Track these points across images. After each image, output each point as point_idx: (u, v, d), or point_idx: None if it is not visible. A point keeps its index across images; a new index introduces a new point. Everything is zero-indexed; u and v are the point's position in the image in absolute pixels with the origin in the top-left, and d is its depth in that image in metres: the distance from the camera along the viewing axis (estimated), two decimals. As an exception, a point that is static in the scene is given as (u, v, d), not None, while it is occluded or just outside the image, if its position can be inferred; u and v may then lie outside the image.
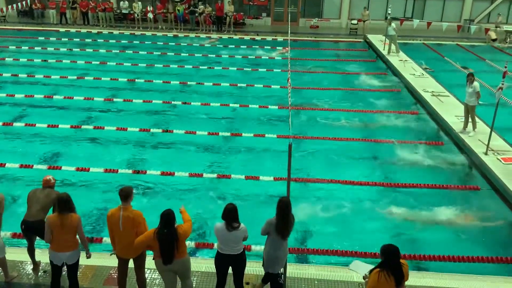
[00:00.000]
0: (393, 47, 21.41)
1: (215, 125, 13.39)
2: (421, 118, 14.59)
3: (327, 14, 29.62)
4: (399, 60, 20.24)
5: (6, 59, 20.23)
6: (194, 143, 12.30)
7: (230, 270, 6.29)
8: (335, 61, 21.32)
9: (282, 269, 6.43)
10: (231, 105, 15.06)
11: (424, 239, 8.56)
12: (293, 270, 7.19)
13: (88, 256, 6.44)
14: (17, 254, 7.38)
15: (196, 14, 26.95)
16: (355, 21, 27.58)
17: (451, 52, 23.26)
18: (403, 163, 11.56)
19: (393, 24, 20.96)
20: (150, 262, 6.32)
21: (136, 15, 27.04)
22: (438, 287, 6.97)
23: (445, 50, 23.58)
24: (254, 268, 7.10)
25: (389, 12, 22.29)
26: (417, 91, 16.16)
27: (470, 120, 12.32)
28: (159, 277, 6.34)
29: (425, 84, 16.83)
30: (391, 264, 5.07)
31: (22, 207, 6.87)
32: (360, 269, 5.85)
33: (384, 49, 21.90)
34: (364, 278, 5.55)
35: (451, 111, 13.99)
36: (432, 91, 15.91)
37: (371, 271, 5.24)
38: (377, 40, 24.33)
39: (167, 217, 5.73)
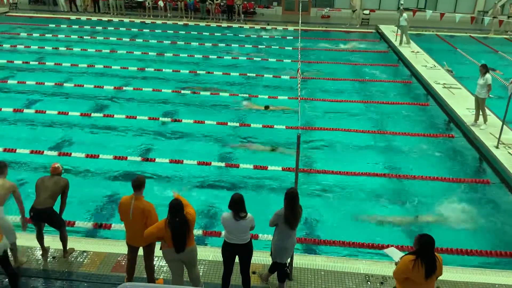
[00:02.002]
0: (404, 38, 21.17)
1: (224, 115, 13.37)
2: (432, 110, 14.46)
3: (339, 4, 29.33)
4: (411, 52, 20.02)
5: (18, 46, 20.32)
6: (203, 132, 12.30)
7: (237, 259, 6.31)
8: (345, 51, 21.13)
9: (289, 259, 6.44)
10: (240, 95, 15.02)
11: (432, 232, 8.47)
12: (300, 260, 7.20)
13: None
14: (26, 240, 7.45)
15: (207, 3, 26.83)
16: (367, 11, 27.28)
17: (464, 43, 22.95)
18: (413, 155, 11.48)
19: (404, 15, 20.70)
20: (158, 250, 6.36)
21: (147, 3, 26.99)
22: (454, 281, 6.93)
23: (458, 42, 23.26)
24: (260, 258, 7.12)
25: (402, 2, 22.01)
26: (429, 83, 15.99)
27: (480, 113, 12.18)
28: (167, 265, 6.37)
29: (436, 76, 16.65)
30: (425, 254, 4.98)
31: (32, 193, 6.92)
32: (394, 255, 5.86)
33: (396, 40, 21.67)
34: (396, 264, 5.51)
35: (462, 103, 13.84)
36: (444, 83, 15.73)
37: (402, 257, 5.19)
38: (389, 30, 24.08)
39: (177, 206, 5.75)
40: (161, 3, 26.82)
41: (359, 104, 14.66)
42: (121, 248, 6.83)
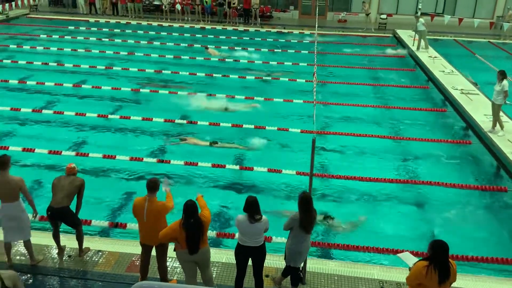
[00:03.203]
0: (422, 43, 21.00)
1: (239, 118, 13.41)
2: (449, 116, 14.31)
3: (356, 8, 29.22)
4: (429, 57, 19.85)
5: (37, 47, 20.65)
6: (218, 134, 12.35)
7: (249, 262, 6.32)
8: (362, 56, 21.04)
9: (302, 263, 6.43)
10: (255, 98, 15.05)
11: (447, 239, 8.38)
12: (313, 264, 7.17)
13: None
14: (43, 238, 7.58)
15: (224, 7, 26.98)
16: (384, 16, 27.14)
17: (482, 49, 22.67)
18: (429, 161, 11.38)
19: (422, 20, 20.54)
20: (171, 250, 6.40)
21: (164, 7, 27.23)
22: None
23: (476, 47, 22.98)
24: (274, 261, 7.12)
25: (420, 7, 21.85)
26: (446, 89, 15.83)
27: (498, 119, 12.03)
28: (180, 266, 6.41)
29: (454, 81, 16.47)
30: (439, 260, 4.93)
31: (49, 192, 7.03)
32: (408, 260, 5.83)
33: (413, 45, 21.51)
34: (410, 269, 5.48)
35: (480, 109, 13.66)
36: (462, 89, 15.56)
37: (416, 263, 5.15)
38: (406, 35, 23.91)
39: (191, 208, 5.80)
40: (178, 7, 27.04)
41: (375, 109, 14.58)
42: (136, 248, 6.89)
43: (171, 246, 6.43)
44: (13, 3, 25.57)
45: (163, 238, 5.98)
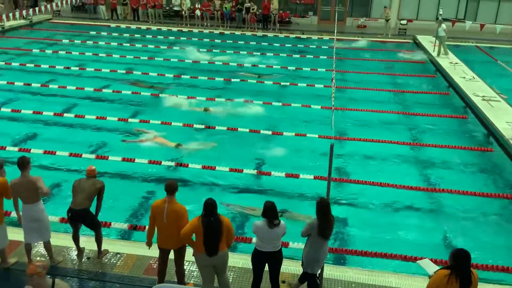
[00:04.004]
0: (442, 49, 20.75)
1: (257, 123, 13.43)
2: (470, 123, 14.11)
3: (376, 13, 29.05)
4: (449, 63, 19.61)
5: (59, 52, 21.04)
6: (236, 139, 12.39)
7: (266, 268, 6.31)
8: (381, 61, 20.90)
9: (319, 270, 6.39)
10: (273, 103, 15.06)
11: (468, 247, 8.25)
12: (331, 271, 7.13)
13: None
14: (62, 239, 7.69)
15: (243, 12, 27.11)
16: (404, 21, 26.93)
17: (504, 55, 22.30)
18: (449, 168, 11.23)
19: (443, 25, 20.32)
20: (189, 254, 6.43)
21: (184, 12, 27.49)
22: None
23: (498, 54, 22.63)
24: (290, 267, 7.09)
25: (441, 12, 21.63)
26: (467, 95, 15.61)
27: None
28: (197, 270, 6.44)
29: (475, 88, 16.23)
30: (461, 269, 4.88)
31: (70, 194, 7.14)
32: (429, 268, 5.77)
33: (433, 51, 21.29)
34: (430, 278, 5.42)
35: (502, 116, 13.43)
36: (483, 96, 15.32)
37: (437, 271, 5.11)
38: (426, 41, 23.68)
39: (210, 206, 5.83)
40: (198, 12, 27.25)
41: (394, 115, 14.46)
42: (154, 251, 6.94)
43: (189, 251, 6.46)
44: (37, 9, 26.11)
45: (184, 235, 5.95)
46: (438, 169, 11.21)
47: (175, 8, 28.77)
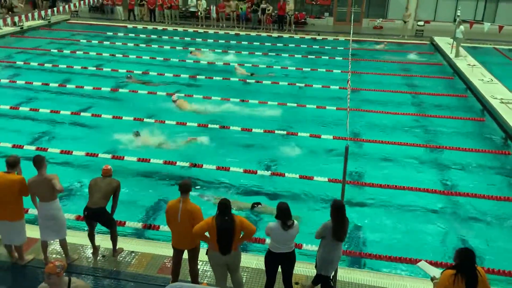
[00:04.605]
0: (456, 50, 20.54)
1: (271, 123, 13.42)
2: (488, 126, 13.91)
3: (392, 14, 28.83)
4: (467, 65, 19.37)
5: (77, 52, 21.29)
6: (250, 140, 12.40)
7: (279, 269, 6.30)
8: (398, 63, 20.73)
9: (333, 272, 6.37)
10: (288, 104, 15.04)
11: (486, 252, 8.17)
12: (344, 273, 7.09)
13: None
14: (78, 237, 7.77)
15: (259, 13, 27.14)
16: (421, 22, 26.69)
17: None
18: (466, 171, 11.09)
19: (462, 27, 20.09)
20: (202, 254, 6.46)
21: (199, 13, 27.62)
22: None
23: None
24: (304, 269, 7.07)
25: (459, 14, 21.39)
26: (485, 97, 15.41)
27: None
28: (211, 269, 6.46)
29: (494, 90, 16.01)
30: (465, 269, 4.88)
31: (86, 193, 7.22)
32: (429, 270, 5.76)
33: (451, 52, 21.05)
34: (432, 280, 5.42)
35: (521, 119, 13.23)
36: (501, 98, 15.10)
37: (442, 272, 5.11)
38: (444, 42, 23.42)
39: (224, 205, 5.85)
40: (213, 13, 27.34)
41: (410, 117, 14.33)
42: (168, 250, 6.99)
43: (202, 250, 6.49)
44: (55, 9, 26.48)
45: (197, 233, 5.97)
46: (454, 172, 11.07)
47: (191, 9, 28.92)
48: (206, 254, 6.17)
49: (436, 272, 5.60)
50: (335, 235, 5.92)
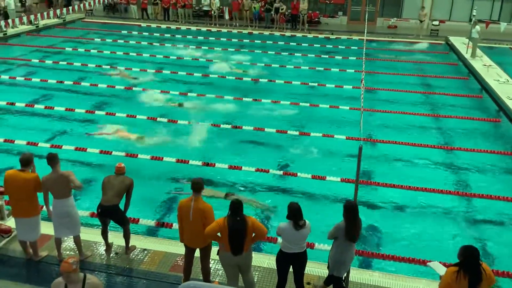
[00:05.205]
0: (473, 50, 20.29)
1: (284, 123, 13.39)
2: (504, 127, 13.73)
3: (407, 13, 28.57)
4: (483, 65, 19.13)
5: (91, 50, 21.46)
6: (263, 139, 12.39)
7: (290, 269, 6.29)
8: (412, 62, 20.55)
9: (345, 273, 6.33)
10: (301, 104, 15.00)
11: (501, 254, 8.06)
12: (357, 274, 7.05)
13: None
14: (91, 234, 7.83)
15: (272, 12, 27.10)
16: (436, 22, 26.42)
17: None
18: (482, 173, 10.95)
19: (477, 27, 19.85)
20: (214, 253, 6.46)
21: (213, 12, 27.67)
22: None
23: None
24: (316, 269, 7.05)
25: (474, 14, 21.14)
26: (501, 98, 15.20)
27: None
28: (222, 268, 6.47)
29: (510, 91, 15.78)
30: (468, 265, 4.89)
31: (100, 191, 7.27)
32: (439, 270, 5.74)
33: (466, 53, 20.81)
34: (441, 278, 5.40)
35: (538, 121, 13.04)
36: (518, 99, 14.91)
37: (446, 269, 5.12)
38: (459, 42, 23.16)
39: (237, 206, 5.85)
40: (226, 14, 27.35)
41: (425, 117, 14.21)
42: (180, 248, 7.00)
43: (214, 249, 6.50)
44: (70, 8, 26.73)
45: (209, 233, 5.97)
46: (469, 173, 10.95)
47: (204, 8, 28.99)
48: (217, 254, 6.17)
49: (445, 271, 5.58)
50: (347, 236, 5.88)
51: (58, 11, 26.20)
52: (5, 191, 7.02)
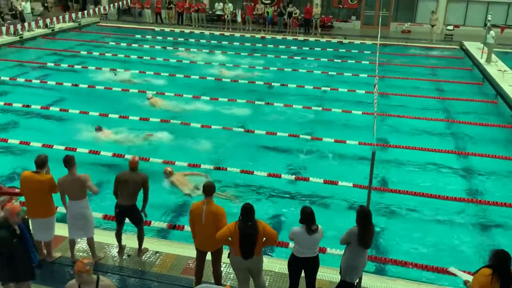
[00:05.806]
0: (488, 55, 20.08)
1: (296, 127, 13.38)
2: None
3: (420, 18, 28.39)
4: (498, 70, 18.93)
5: (106, 54, 21.67)
6: (275, 144, 12.39)
7: (302, 274, 6.27)
8: (426, 67, 20.42)
9: (358, 279, 6.30)
10: (313, 108, 14.98)
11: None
12: (369, 281, 7.00)
13: None
14: (104, 236, 7.90)
15: (285, 16, 27.14)
16: (450, 27, 26.22)
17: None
18: (496, 180, 10.82)
19: (492, 32, 19.66)
20: (225, 256, 6.47)
21: (226, 16, 27.80)
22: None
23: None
24: (328, 274, 7.02)
25: (489, 18, 20.94)
26: (516, 104, 15.05)
27: None
28: (234, 272, 6.47)
29: (525, 96, 15.61)
30: (502, 269, 4.93)
31: (112, 193, 7.33)
32: (461, 274, 5.75)
33: (481, 58, 20.62)
34: (465, 283, 5.45)
35: (554, 127, 12.86)
36: (534, 105, 14.72)
37: (477, 271, 5.16)
38: (474, 47, 22.95)
39: (248, 210, 5.84)
40: (239, 17, 27.45)
41: (439, 122, 14.10)
42: (192, 251, 7.02)
43: (225, 252, 6.51)
44: (85, 12, 27.05)
45: (221, 237, 5.99)
46: (483, 180, 10.83)
47: (218, 12, 29.14)
48: (228, 257, 6.18)
49: (468, 277, 5.56)
50: (360, 242, 5.85)
51: (73, 15, 26.53)
52: (21, 191, 7.13)
